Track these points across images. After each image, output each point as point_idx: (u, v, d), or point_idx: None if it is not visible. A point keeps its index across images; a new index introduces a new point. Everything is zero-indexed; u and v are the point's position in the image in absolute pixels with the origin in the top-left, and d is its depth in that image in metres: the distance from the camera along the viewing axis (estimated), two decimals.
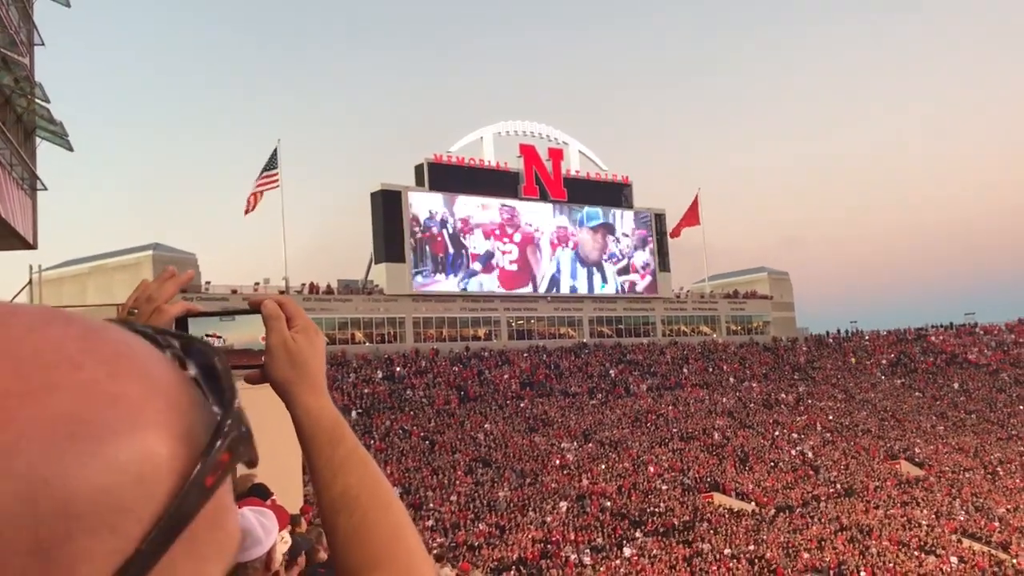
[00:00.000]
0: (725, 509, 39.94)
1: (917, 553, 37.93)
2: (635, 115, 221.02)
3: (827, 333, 73.02)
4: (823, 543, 37.52)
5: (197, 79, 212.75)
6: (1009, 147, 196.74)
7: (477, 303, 56.99)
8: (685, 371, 58.73)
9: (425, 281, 55.25)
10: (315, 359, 1.23)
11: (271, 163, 51.02)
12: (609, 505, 38.56)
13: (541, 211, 60.76)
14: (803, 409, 56.29)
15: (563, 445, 44.69)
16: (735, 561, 35.05)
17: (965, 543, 39.93)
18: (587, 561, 33.63)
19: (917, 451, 51.71)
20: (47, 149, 24.19)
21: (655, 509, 38.74)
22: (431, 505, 36.13)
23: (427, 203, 55.97)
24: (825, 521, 40.16)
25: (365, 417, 43.54)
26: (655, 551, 35.04)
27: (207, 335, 1.30)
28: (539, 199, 60.64)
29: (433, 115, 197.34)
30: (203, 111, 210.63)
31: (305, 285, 52.25)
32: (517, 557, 32.89)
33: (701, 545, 36.00)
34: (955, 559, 37.67)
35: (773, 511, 40.42)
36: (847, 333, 73.44)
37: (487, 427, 45.44)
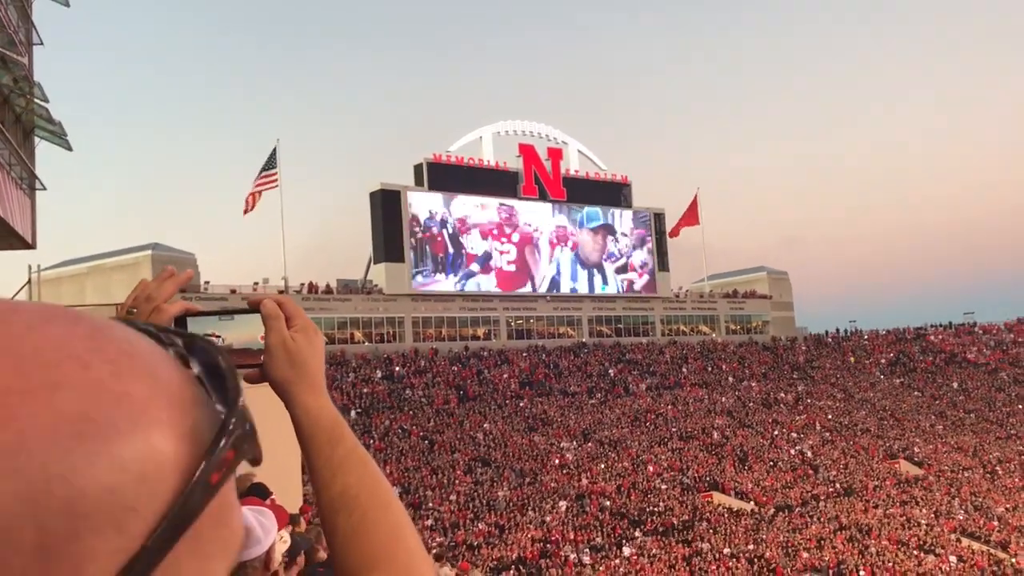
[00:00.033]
0: (724, 508, 39.95)
1: (916, 552, 37.95)
2: (634, 115, 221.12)
3: (826, 332, 73.05)
4: (822, 542, 37.54)
5: (196, 79, 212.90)
6: (1009, 147, 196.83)
7: (476, 303, 56.98)
8: (684, 371, 58.74)
9: (425, 281, 55.25)
10: (314, 359, 1.23)
11: (270, 163, 51.00)
12: (608, 504, 38.57)
13: (540, 210, 60.78)
14: (802, 408, 56.30)
15: (562, 444, 44.70)
16: (734, 560, 35.07)
17: (964, 542, 39.95)
18: (586, 560, 33.64)
19: (916, 450, 51.73)
20: (46, 149, 24.23)
21: (654, 508, 38.76)
22: (430, 504, 36.13)
23: (426, 203, 55.97)
24: (824, 520, 40.18)
25: (364, 417, 43.53)
26: (654, 550, 35.05)
27: (206, 334, 1.30)
28: (538, 199, 60.65)
29: (432, 115, 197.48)
30: (202, 111, 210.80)
31: (304, 285, 52.24)
32: (516, 556, 32.90)
33: (700, 544, 36.01)
34: (954, 558, 37.68)
35: (772, 510, 40.44)
36: (846, 332, 73.45)
37: (486, 427, 45.44)
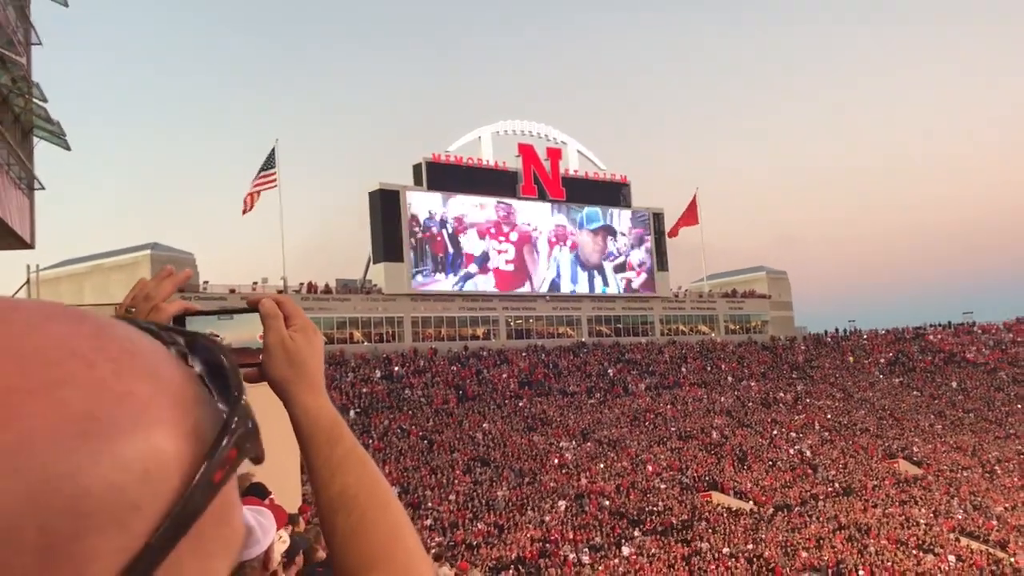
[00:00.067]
0: (723, 508, 39.96)
1: (915, 552, 37.97)
2: (634, 115, 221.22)
3: (825, 332, 73.04)
4: (821, 542, 37.55)
5: (195, 79, 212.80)
6: (1008, 147, 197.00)
7: (476, 302, 56.97)
8: (683, 370, 58.74)
9: (425, 281, 55.23)
10: (313, 358, 1.22)
11: (269, 163, 50.98)
12: (607, 504, 38.57)
13: (539, 210, 60.74)
14: (801, 408, 56.32)
15: (561, 444, 44.70)
16: (733, 560, 35.07)
17: (963, 542, 39.97)
18: (585, 560, 33.64)
19: (915, 450, 51.75)
20: (44, 148, 24.20)
21: (653, 508, 38.76)
22: (429, 504, 36.13)
23: (426, 203, 55.96)
24: (823, 520, 40.19)
25: (363, 416, 43.52)
26: (653, 550, 35.06)
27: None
28: (537, 198, 60.62)
29: (432, 115, 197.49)
30: (201, 111, 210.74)
31: (303, 284, 52.22)
32: (516, 556, 32.89)
33: (699, 544, 36.02)
34: (953, 558, 37.70)
35: (771, 510, 40.45)
36: (845, 332, 73.45)
37: (485, 426, 45.44)
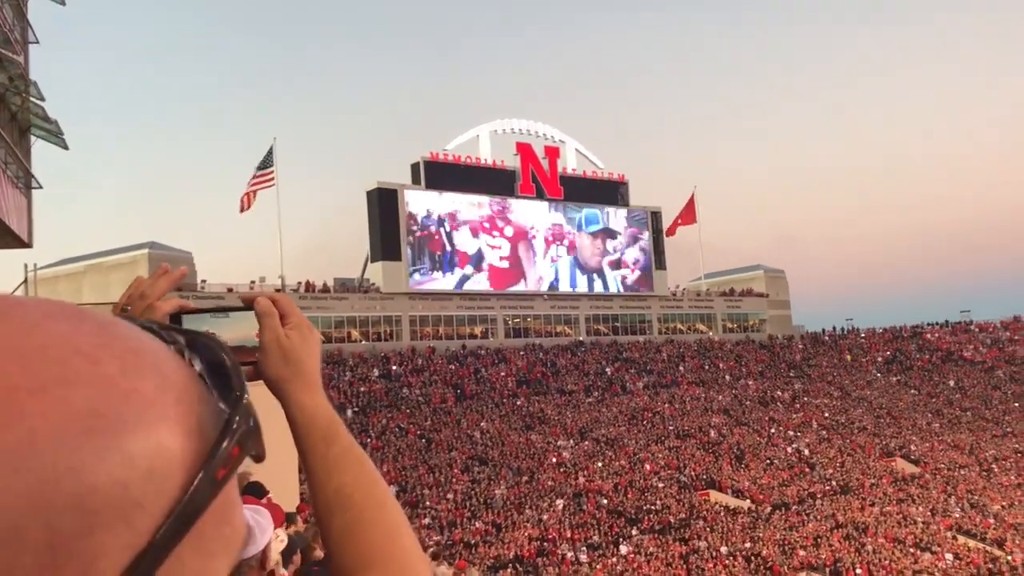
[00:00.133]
0: (721, 507, 40.00)
1: (912, 550, 38.03)
2: (632, 114, 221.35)
3: (823, 331, 73.07)
4: (819, 540, 37.59)
5: (194, 78, 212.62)
6: (1007, 147, 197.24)
7: (474, 301, 56.95)
8: (681, 369, 58.77)
9: (422, 279, 55.20)
10: (309, 356, 1.21)
11: (266, 162, 50.91)
12: (605, 503, 38.60)
13: (535, 208, 60.60)
14: (799, 407, 56.36)
15: (559, 443, 44.71)
16: (731, 559, 35.10)
17: (960, 540, 40.03)
18: (583, 559, 33.66)
19: (913, 448, 51.81)
20: (42, 147, 24.18)
21: (651, 507, 38.79)
22: (427, 503, 36.13)
23: (424, 202, 55.91)
24: (821, 518, 40.23)
25: (361, 415, 43.51)
26: (651, 549, 35.08)
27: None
28: (535, 197, 60.58)
29: (430, 114, 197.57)
30: (200, 110, 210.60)
31: (301, 283, 52.20)
32: (514, 555, 32.91)
33: (697, 543, 36.05)
34: (950, 556, 37.76)
35: (769, 508, 40.49)
36: (843, 331, 73.49)
37: (483, 425, 45.44)
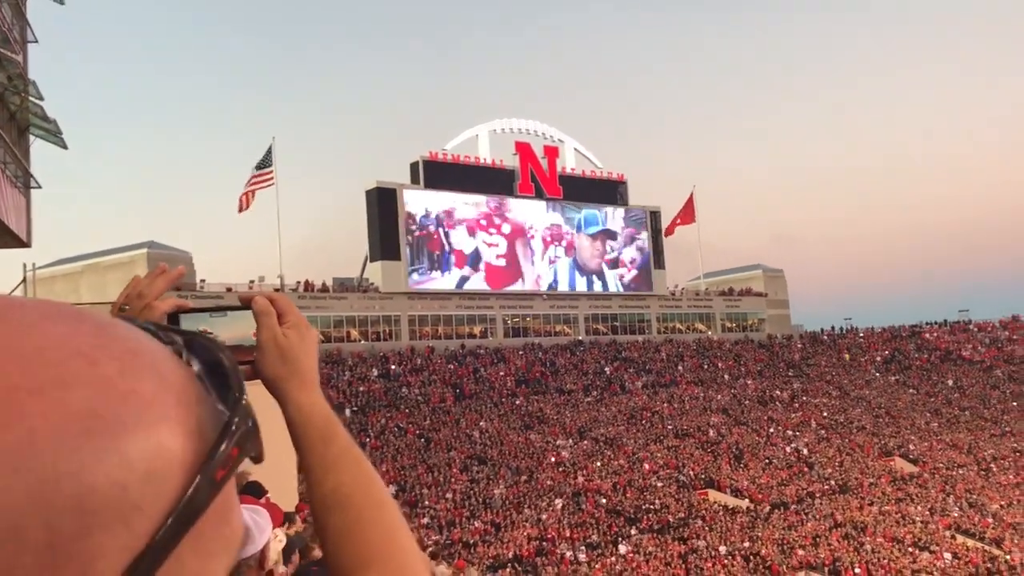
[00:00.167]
0: (720, 506, 40.01)
1: (911, 549, 38.06)
2: (631, 113, 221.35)
3: (822, 330, 73.10)
4: (818, 540, 37.61)
5: (193, 77, 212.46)
6: (1008, 147, 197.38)
7: (473, 301, 56.94)
8: (680, 368, 58.78)
9: (421, 279, 55.18)
10: (306, 355, 1.21)
11: (265, 161, 50.86)
12: (604, 502, 38.61)
13: (532, 208, 60.49)
14: (798, 406, 56.39)
15: (558, 442, 44.72)
16: (730, 558, 35.12)
17: (959, 539, 40.07)
18: (582, 558, 33.66)
19: (911, 448, 51.84)
20: (41, 147, 24.16)
21: (650, 506, 38.80)
22: (426, 503, 36.13)
23: (422, 201, 55.89)
24: (820, 518, 40.25)
25: (360, 415, 43.50)
26: (650, 548, 35.09)
27: (198, 331, 1.29)
28: (534, 196, 60.54)
29: (429, 113, 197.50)
30: (199, 109, 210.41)
31: (300, 283, 52.17)
32: (513, 554, 32.91)
33: (696, 542, 36.06)
34: (949, 555, 37.79)
35: (768, 508, 40.51)
36: (842, 330, 73.52)
37: (482, 425, 45.45)
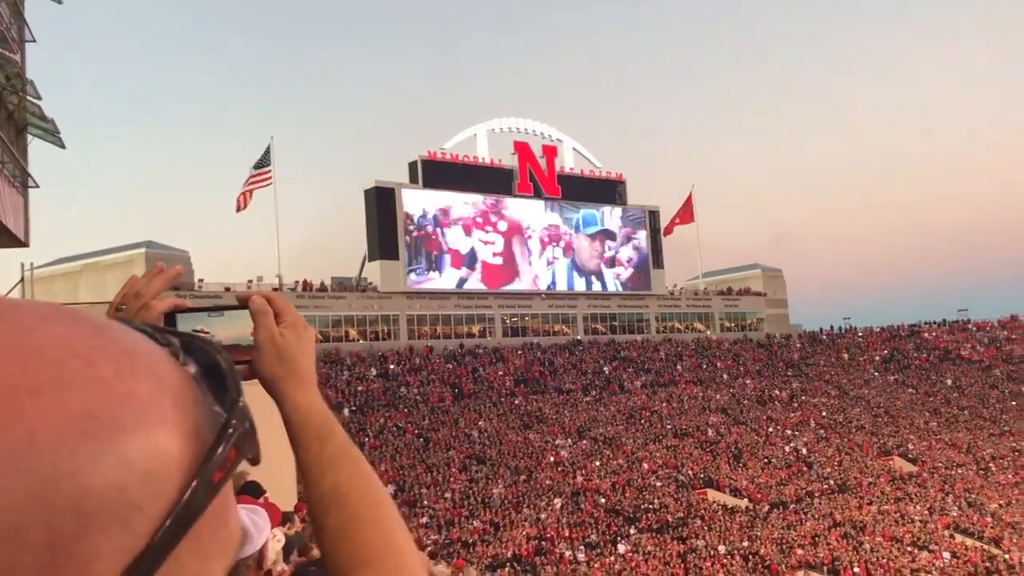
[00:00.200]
0: (719, 505, 40.03)
1: (910, 549, 38.09)
2: (630, 113, 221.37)
3: (820, 330, 73.13)
4: (817, 539, 37.64)
5: (191, 76, 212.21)
6: (1005, 147, 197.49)
7: (471, 300, 56.93)
8: (679, 368, 58.79)
9: (419, 279, 55.16)
10: (304, 355, 1.21)
11: (263, 160, 50.81)
12: (603, 502, 38.62)
13: (531, 207, 60.41)
14: (797, 405, 56.41)
15: (557, 442, 44.73)
16: (729, 557, 35.14)
17: (958, 538, 40.11)
18: (581, 558, 33.67)
19: (910, 447, 51.88)
20: (39, 146, 24.12)
21: (649, 506, 38.81)
22: (425, 502, 36.13)
23: (421, 200, 55.86)
24: (819, 517, 40.29)
25: (359, 415, 43.48)
26: (649, 547, 35.11)
27: (195, 331, 1.29)
28: (533, 196, 60.51)
29: (428, 113, 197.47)
30: (198, 109, 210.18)
31: (299, 283, 52.16)
32: (512, 554, 32.92)
33: (695, 541, 36.08)
34: (948, 554, 37.82)
35: (767, 507, 40.54)
36: (840, 330, 73.54)
37: (481, 424, 45.45)
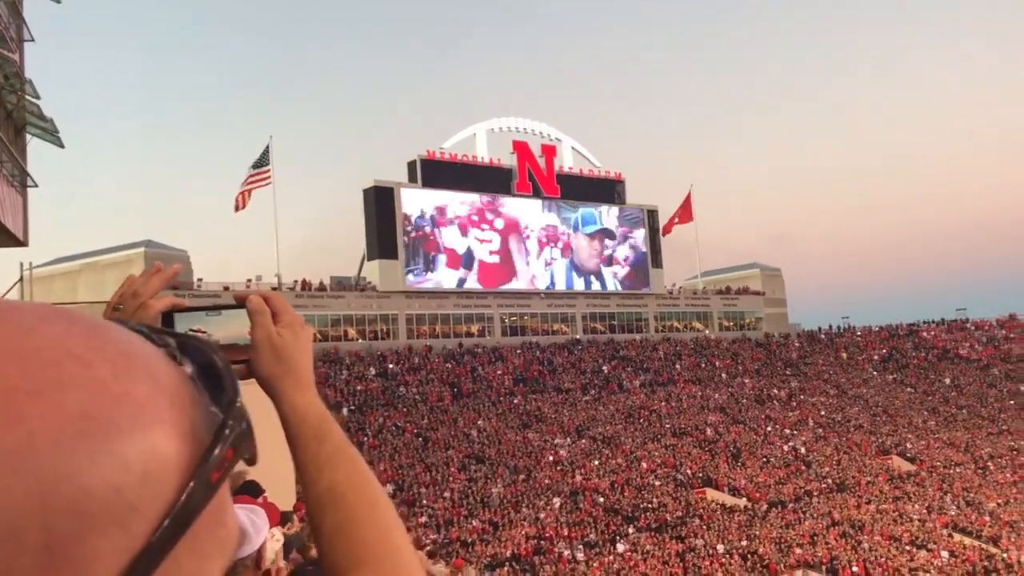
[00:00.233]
0: (718, 504, 40.04)
1: (908, 548, 38.12)
2: (629, 112, 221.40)
3: (819, 329, 73.16)
4: (815, 538, 37.66)
5: (190, 76, 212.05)
6: (1003, 147, 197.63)
7: (470, 300, 56.91)
8: (678, 367, 58.80)
9: (417, 279, 55.12)
10: (301, 354, 1.21)
11: (262, 160, 50.77)
12: (602, 501, 38.62)
13: (528, 207, 60.34)
14: (795, 405, 56.43)
15: (556, 441, 44.73)
16: (728, 557, 35.16)
17: (956, 537, 40.13)
18: (580, 557, 33.68)
19: (909, 446, 51.91)
20: (37, 145, 24.08)
21: (648, 505, 38.82)
22: (424, 502, 36.13)
23: (420, 200, 55.82)
24: (817, 516, 40.31)
25: (358, 414, 43.46)
26: (648, 547, 35.12)
27: (192, 330, 1.29)
28: (532, 195, 60.48)
29: (428, 113, 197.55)
30: (197, 108, 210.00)
31: (298, 282, 52.13)
32: (511, 553, 32.92)
33: (694, 541, 36.10)
34: (946, 553, 37.86)
35: (765, 506, 40.56)
36: (839, 329, 73.57)
37: (480, 423, 45.44)
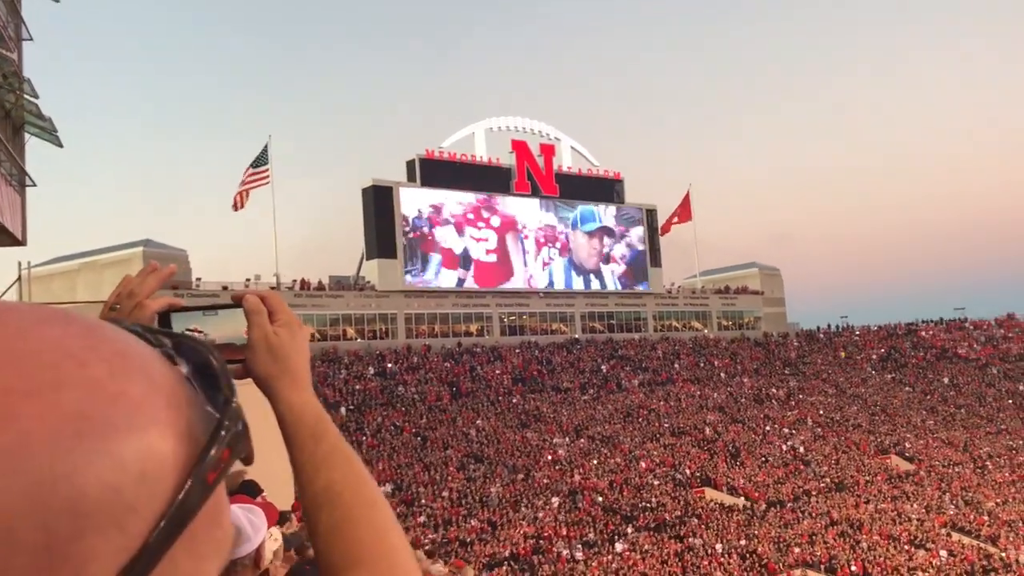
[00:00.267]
0: (716, 504, 40.06)
1: (907, 547, 38.13)
2: (628, 112, 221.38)
3: (818, 328, 73.21)
4: (814, 537, 37.68)
5: (189, 75, 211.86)
6: (1003, 147, 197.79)
7: (469, 299, 56.91)
8: (676, 366, 58.82)
9: (415, 280, 55.10)
10: (298, 353, 1.21)
11: (260, 159, 50.73)
12: (601, 500, 38.63)
13: (526, 206, 60.23)
14: (794, 404, 56.46)
15: (555, 441, 44.73)
16: (726, 556, 35.17)
17: (955, 537, 40.15)
18: (579, 556, 33.69)
19: (907, 446, 51.94)
20: (36, 145, 24.05)
21: (647, 504, 38.83)
22: (423, 501, 36.13)
23: (419, 199, 55.80)
24: (816, 516, 40.33)
25: (357, 413, 43.45)
26: (647, 546, 35.14)
27: (189, 330, 1.29)
28: (530, 195, 60.48)
29: (427, 112, 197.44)
30: (196, 107, 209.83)
31: (296, 281, 52.12)
32: (509, 553, 32.93)
33: (692, 540, 36.11)
34: (944, 553, 37.87)
35: (764, 506, 40.58)
36: (838, 328, 73.63)
37: (479, 423, 45.44)
